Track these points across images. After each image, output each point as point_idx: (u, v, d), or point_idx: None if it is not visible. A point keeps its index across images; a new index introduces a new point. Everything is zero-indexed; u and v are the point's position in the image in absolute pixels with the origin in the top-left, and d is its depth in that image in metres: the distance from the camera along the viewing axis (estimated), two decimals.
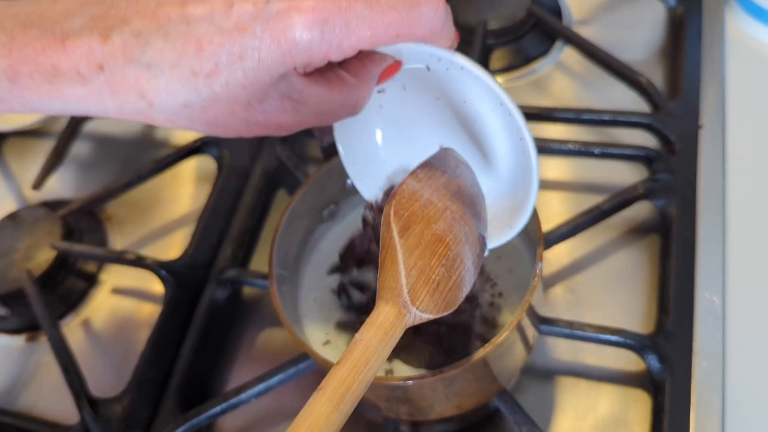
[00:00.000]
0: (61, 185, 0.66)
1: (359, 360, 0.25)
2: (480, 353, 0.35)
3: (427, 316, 0.28)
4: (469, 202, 0.34)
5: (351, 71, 0.31)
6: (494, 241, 0.36)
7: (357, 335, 0.26)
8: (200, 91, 0.27)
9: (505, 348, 0.37)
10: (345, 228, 0.48)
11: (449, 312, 0.29)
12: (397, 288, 0.28)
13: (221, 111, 0.28)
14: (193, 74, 0.27)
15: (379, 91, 0.36)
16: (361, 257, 0.44)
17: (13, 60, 0.28)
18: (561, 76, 0.64)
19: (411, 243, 0.29)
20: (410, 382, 0.35)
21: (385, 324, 0.27)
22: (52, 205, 0.63)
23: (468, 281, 0.30)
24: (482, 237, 0.34)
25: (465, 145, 0.37)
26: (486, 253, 0.35)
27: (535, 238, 0.39)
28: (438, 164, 0.35)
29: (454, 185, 0.34)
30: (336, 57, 0.28)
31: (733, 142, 0.55)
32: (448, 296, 0.29)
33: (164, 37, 0.27)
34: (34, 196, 0.66)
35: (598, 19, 0.67)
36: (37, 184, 0.64)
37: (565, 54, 0.65)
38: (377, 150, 0.40)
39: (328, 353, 0.43)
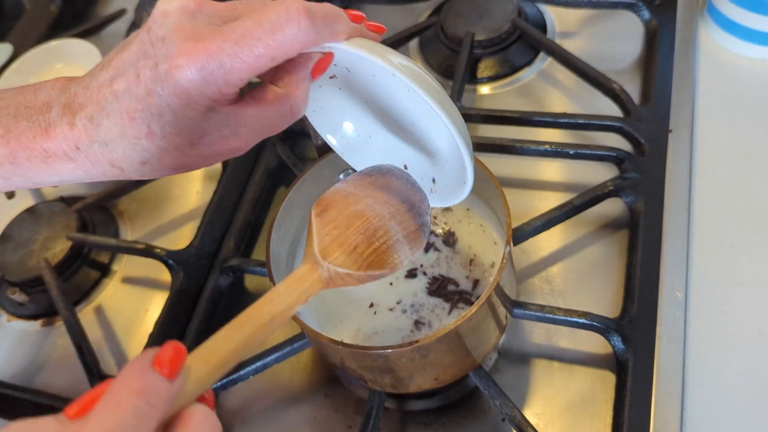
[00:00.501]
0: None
1: (266, 299, 0.32)
2: (451, 325, 0.39)
3: (344, 270, 0.35)
4: (399, 193, 0.40)
5: (279, 82, 0.34)
6: (452, 199, 0.40)
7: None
8: (148, 150, 0.33)
9: (476, 323, 0.41)
10: None
11: (379, 271, 0.36)
12: (310, 251, 0.35)
13: (174, 157, 0.33)
14: (136, 139, 0.32)
15: (330, 77, 0.40)
16: None
17: (12, 148, 0.34)
18: (544, 84, 0.69)
19: (327, 219, 0.36)
20: (389, 350, 0.39)
21: (296, 275, 0.34)
22: (68, 200, 0.68)
23: (400, 250, 0.37)
24: (420, 220, 0.39)
25: (412, 117, 0.41)
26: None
27: (505, 225, 0.43)
28: (369, 171, 0.41)
29: (381, 182, 0.40)
30: (230, 89, 0.32)
31: (702, 146, 0.59)
32: (371, 258, 0.36)
33: (107, 116, 0.32)
34: (52, 192, 0.71)
35: (579, 32, 0.72)
36: None
37: (548, 64, 0.69)
38: (359, 130, 0.44)
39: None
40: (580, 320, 0.49)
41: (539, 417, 0.49)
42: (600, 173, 0.59)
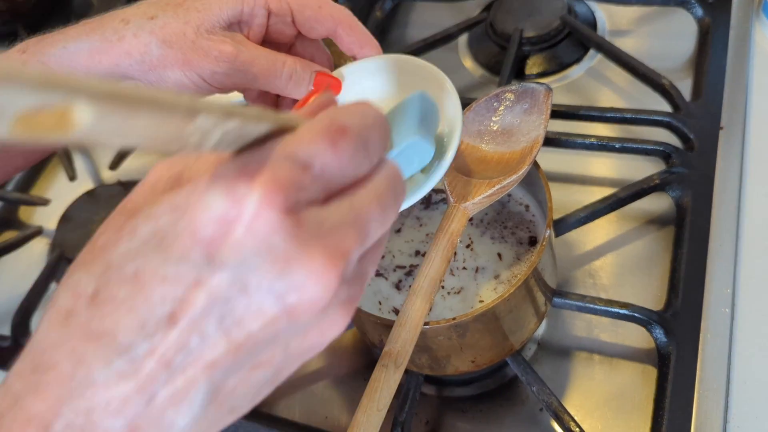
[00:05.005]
0: (133, 167, 0.74)
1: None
2: (489, 304, 0.40)
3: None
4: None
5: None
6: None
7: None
8: None
9: (513, 304, 0.41)
10: None
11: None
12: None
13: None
14: None
15: None
16: None
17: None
18: (593, 82, 0.68)
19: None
20: (426, 327, 0.40)
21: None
22: (125, 185, 0.71)
23: None
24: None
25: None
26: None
27: (546, 210, 0.43)
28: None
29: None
30: None
31: (754, 144, 0.58)
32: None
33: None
34: (110, 176, 0.74)
35: (630, 31, 0.71)
36: (114, 165, 0.72)
37: (598, 62, 0.69)
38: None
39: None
40: (621, 311, 0.48)
41: (577, 409, 0.49)
42: (647, 169, 0.58)
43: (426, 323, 0.40)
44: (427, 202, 0.52)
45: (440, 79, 0.41)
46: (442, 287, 0.47)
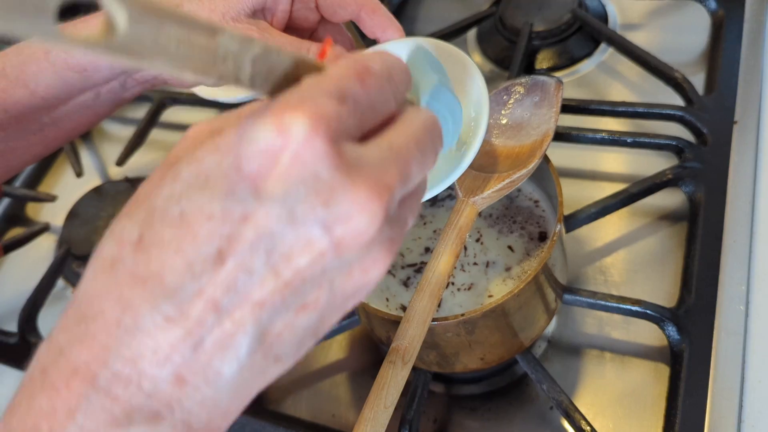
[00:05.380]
0: (141, 164, 0.74)
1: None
2: (498, 300, 0.39)
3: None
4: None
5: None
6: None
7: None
8: None
9: (523, 300, 0.41)
10: None
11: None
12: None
13: None
14: None
15: None
16: None
17: None
18: (604, 76, 0.67)
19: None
20: (434, 323, 0.39)
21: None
22: (132, 181, 0.70)
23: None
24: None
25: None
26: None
27: (556, 205, 0.43)
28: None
29: None
30: None
31: None
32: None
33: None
34: (118, 173, 0.74)
35: (642, 24, 0.70)
36: (121, 162, 0.71)
37: (609, 56, 0.68)
38: None
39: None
40: (633, 308, 0.47)
41: (588, 407, 0.48)
42: (659, 164, 0.57)
43: (434, 320, 0.39)
44: (432, 198, 0.52)
45: (464, 62, 0.40)
46: (452, 283, 0.46)
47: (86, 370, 0.21)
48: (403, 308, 0.46)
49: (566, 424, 0.48)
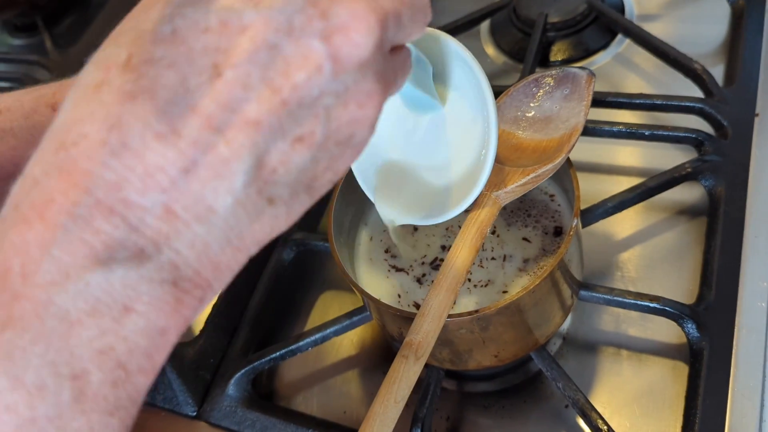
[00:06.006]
0: None
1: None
2: (512, 297, 0.38)
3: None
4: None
5: None
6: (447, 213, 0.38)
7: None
8: None
9: (538, 297, 0.40)
10: None
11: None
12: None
13: None
14: None
15: None
16: None
17: None
18: (620, 68, 0.66)
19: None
20: (448, 319, 0.38)
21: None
22: None
23: None
24: None
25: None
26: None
27: (573, 199, 0.42)
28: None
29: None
30: None
31: None
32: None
33: None
34: None
35: (660, 15, 0.69)
36: None
37: (625, 47, 0.67)
38: None
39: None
40: (651, 304, 0.46)
41: (605, 406, 0.47)
42: (677, 158, 0.56)
43: (448, 316, 0.38)
44: None
45: (463, 59, 0.36)
46: (468, 280, 0.45)
47: (64, 199, 0.19)
48: (416, 305, 0.45)
49: (582, 423, 0.47)
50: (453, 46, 0.34)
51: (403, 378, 0.35)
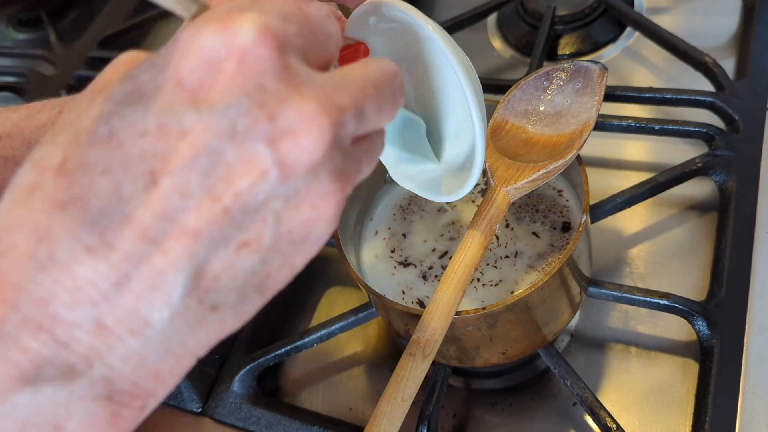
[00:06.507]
0: None
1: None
2: (520, 294, 0.37)
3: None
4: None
5: None
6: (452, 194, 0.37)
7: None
8: None
9: (547, 294, 0.39)
10: (401, 192, 0.52)
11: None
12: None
13: None
14: None
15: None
16: None
17: None
18: (630, 62, 0.65)
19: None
20: (455, 316, 0.38)
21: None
22: None
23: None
24: None
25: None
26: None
27: (581, 194, 0.41)
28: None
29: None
30: None
31: None
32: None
33: None
34: None
35: (670, 8, 0.68)
36: None
37: (635, 41, 0.66)
38: None
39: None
40: (661, 301, 0.46)
41: (613, 404, 0.47)
42: (687, 152, 0.55)
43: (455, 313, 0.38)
44: None
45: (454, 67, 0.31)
46: (477, 279, 0.45)
47: None
48: (420, 302, 0.45)
49: (590, 421, 0.46)
50: (421, 23, 0.30)
51: (410, 376, 0.35)
